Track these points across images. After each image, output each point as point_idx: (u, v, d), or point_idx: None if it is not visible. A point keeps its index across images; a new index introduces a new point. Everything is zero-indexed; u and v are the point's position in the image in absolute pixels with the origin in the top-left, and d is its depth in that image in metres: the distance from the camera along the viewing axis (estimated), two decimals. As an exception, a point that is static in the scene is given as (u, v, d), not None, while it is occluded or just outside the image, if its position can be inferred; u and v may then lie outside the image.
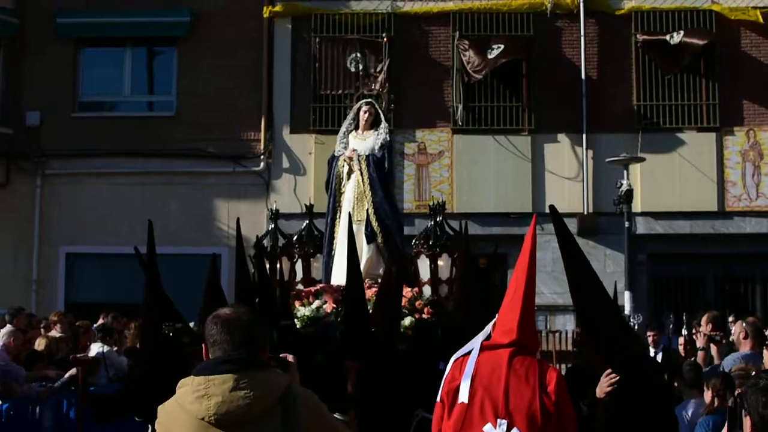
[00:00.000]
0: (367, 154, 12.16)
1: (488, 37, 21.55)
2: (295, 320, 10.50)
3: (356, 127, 12.51)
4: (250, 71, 22.10)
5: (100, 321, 16.30)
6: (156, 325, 9.63)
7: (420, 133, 21.72)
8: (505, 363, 6.42)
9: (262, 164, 21.96)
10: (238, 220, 10.90)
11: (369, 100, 13.19)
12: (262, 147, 21.97)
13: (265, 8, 22.01)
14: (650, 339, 15.14)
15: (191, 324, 10.46)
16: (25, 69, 22.52)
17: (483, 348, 6.58)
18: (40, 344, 14.66)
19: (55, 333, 15.17)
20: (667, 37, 21.30)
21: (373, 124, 12.44)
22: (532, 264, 6.81)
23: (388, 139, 12.48)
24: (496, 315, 6.79)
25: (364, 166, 12.03)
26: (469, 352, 6.63)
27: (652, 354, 14.22)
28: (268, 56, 22.07)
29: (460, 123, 21.54)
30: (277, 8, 21.99)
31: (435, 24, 22.01)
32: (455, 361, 6.69)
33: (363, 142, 12.31)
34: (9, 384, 13.68)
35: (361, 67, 21.61)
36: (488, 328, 6.77)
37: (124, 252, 20.64)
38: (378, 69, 21.53)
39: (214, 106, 21.99)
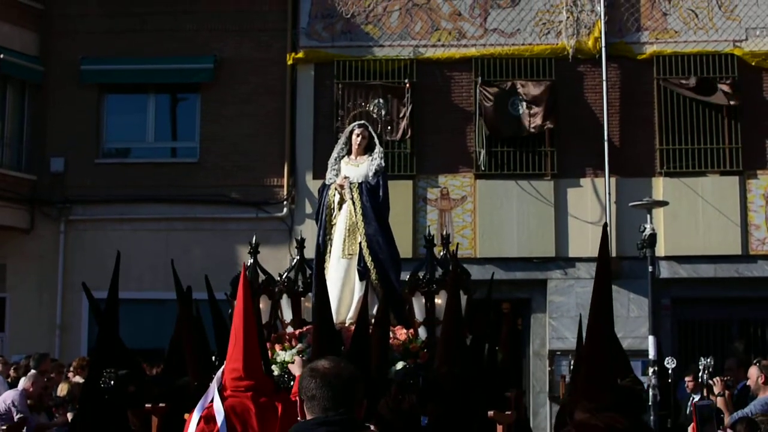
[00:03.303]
0: (360, 181, 11.37)
1: (510, 83, 21.61)
2: (273, 366, 9.72)
3: (348, 152, 11.71)
4: (273, 117, 22.19)
5: (123, 367, 16.26)
6: (99, 372, 8.91)
7: (443, 178, 21.71)
8: (252, 408, 6.40)
9: (285, 210, 21.98)
10: (206, 277, 10.43)
11: (362, 122, 12.29)
12: (285, 193, 22.00)
13: (288, 55, 22.12)
14: (688, 386, 14.83)
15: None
16: (50, 115, 22.63)
17: (223, 396, 6.47)
18: (62, 390, 14.67)
19: (78, 379, 15.17)
20: (689, 81, 21.32)
21: (367, 149, 11.62)
22: (247, 307, 6.79)
23: (383, 164, 11.60)
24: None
25: (356, 194, 11.26)
26: (210, 401, 6.52)
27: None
28: (291, 102, 22.13)
29: (482, 168, 21.51)
30: (300, 55, 22.08)
31: (457, 69, 22.04)
32: (202, 411, 6.50)
33: (356, 168, 11.52)
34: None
35: (383, 113, 21.63)
36: (218, 374, 6.67)
37: (147, 297, 20.82)
38: (400, 114, 21.56)
39: (237, 152, 22.09)
